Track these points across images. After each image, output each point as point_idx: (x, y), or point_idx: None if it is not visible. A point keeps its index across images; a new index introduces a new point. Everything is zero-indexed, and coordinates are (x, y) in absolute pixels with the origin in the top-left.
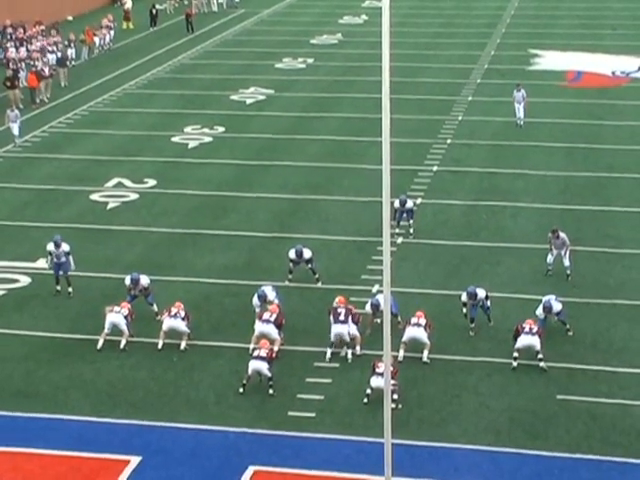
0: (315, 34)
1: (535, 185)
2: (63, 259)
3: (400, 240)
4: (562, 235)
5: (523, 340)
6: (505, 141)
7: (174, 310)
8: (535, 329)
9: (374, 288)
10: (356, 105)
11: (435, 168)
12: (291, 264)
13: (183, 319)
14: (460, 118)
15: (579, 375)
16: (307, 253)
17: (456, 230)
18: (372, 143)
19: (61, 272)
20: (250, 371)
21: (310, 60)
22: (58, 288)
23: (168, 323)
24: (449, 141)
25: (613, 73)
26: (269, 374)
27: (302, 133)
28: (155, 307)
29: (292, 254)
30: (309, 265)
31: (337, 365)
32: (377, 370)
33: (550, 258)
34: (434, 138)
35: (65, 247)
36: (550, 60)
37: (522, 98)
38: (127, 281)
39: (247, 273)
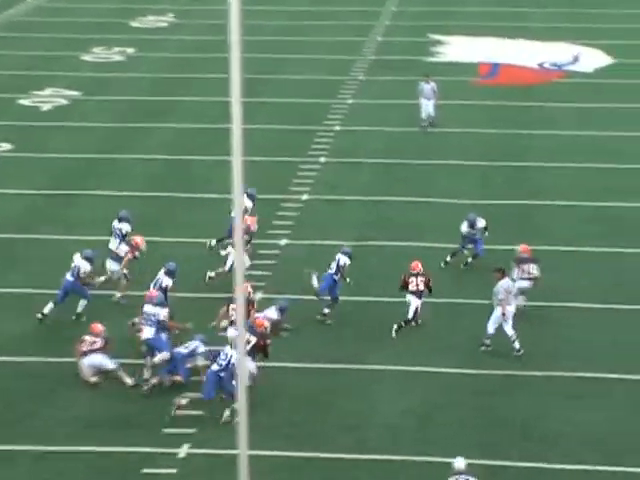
0: (137, 14)
1: (441, 217)
2: None
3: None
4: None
5: None
6: (399, 159)
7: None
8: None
9: None
10: (196, 112)
11: (305, 197)
12: None
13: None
14: (337, 128)
15: None
16: None
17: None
18: (219, 163)
19: None
20: None
21: (131, 50)
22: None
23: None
24: (323, 160)
25: (541, 65)
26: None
27: (122, 151)
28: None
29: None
30: None
31: None
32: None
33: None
34: (303, 156)
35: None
36: (457, 48)
37: (432, 93)
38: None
39: None
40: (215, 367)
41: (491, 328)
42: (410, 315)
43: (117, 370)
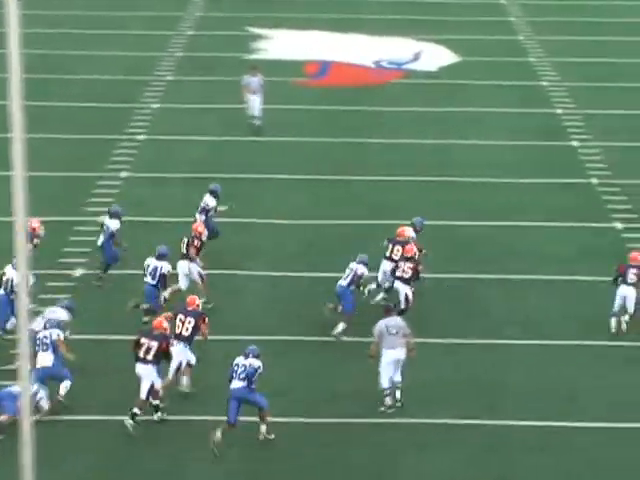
0: None
1: (266, 240)
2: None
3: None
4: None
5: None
6: (215, 172)
7: None
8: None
9: None
10: None
11: (102, 218)
12: None
13: None
14: (141, 137)
15: None
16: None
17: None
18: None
19: None
20: None
21: None
22: None
23: None
24: (124, 174)
25: (377, 64)
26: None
27: None
28: None
29: None
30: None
31: None
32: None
33: None
34: (100, 170)
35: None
36: (281, 44)
37: (259, 87)
38: None
39: None
40: (239, 384)
41: (385, 381)
42: (402, 305)
43: None
